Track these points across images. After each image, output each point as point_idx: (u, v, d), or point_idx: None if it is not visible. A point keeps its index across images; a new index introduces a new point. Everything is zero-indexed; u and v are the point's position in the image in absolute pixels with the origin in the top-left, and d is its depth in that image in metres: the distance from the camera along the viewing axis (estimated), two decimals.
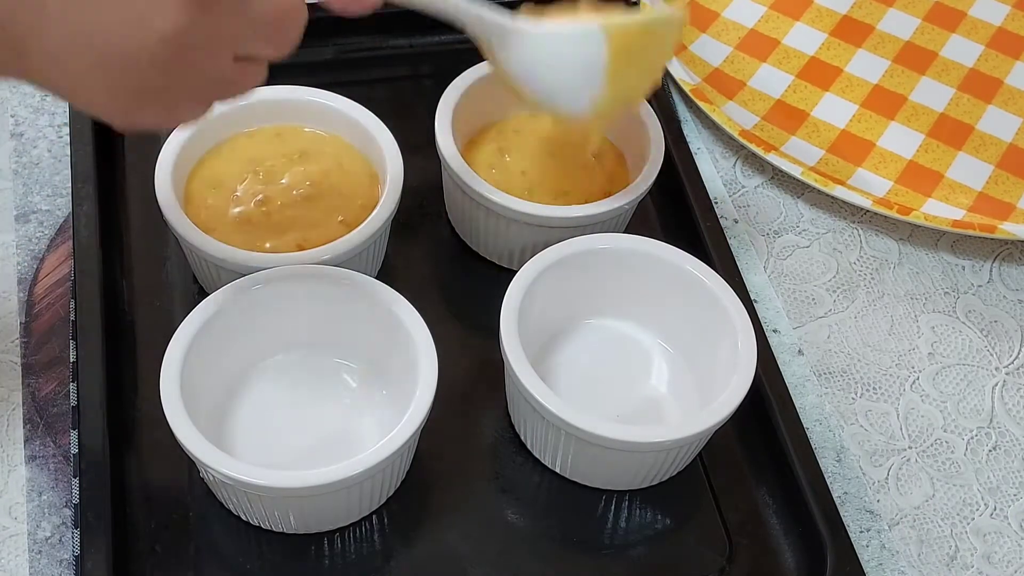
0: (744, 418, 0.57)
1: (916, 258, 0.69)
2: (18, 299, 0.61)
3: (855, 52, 0.78)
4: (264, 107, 0.62)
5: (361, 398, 0.57)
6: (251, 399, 0.56)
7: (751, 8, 0.80)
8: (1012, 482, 0.60)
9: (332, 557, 0.54)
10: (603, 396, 0.58)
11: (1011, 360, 0.65)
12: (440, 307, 0.62)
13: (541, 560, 0.55)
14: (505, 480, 0.57)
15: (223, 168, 0.61)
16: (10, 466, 0.56)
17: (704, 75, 0.75)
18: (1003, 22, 0.80)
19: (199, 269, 0.60)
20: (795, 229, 0.69)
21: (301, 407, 0.56)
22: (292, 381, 0.57)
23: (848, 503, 0.58)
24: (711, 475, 0.58)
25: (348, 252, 0.57)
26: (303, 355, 0.58)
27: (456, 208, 0.64)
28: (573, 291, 0.59)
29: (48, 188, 0.66)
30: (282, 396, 0.57)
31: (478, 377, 0.59)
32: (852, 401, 0.62)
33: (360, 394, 0.57)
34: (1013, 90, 0.76)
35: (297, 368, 0.57)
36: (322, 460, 0.50)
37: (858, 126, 0.74)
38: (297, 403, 0.56)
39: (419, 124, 0.65)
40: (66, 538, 0.54)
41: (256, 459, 0.53)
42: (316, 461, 0.51)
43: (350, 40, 0.73)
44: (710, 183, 0.69)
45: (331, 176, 0.61)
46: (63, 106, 0.69)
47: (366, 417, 0.56)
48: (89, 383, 0.55)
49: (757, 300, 0.65)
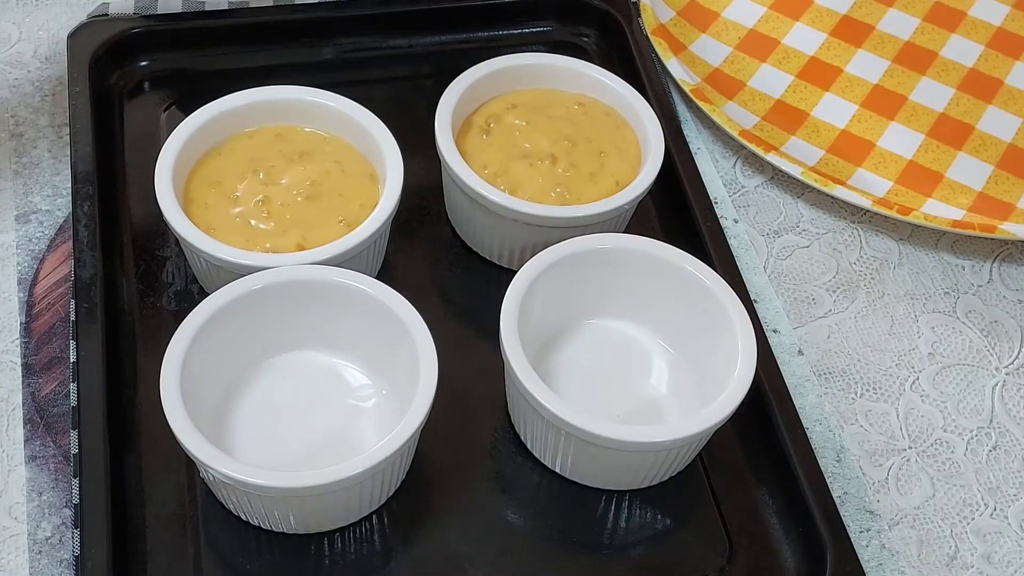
0: (744, 418, 0.57)
1: (916, 258, 0.69)
2: (18, 299, 0.61)
3: (855, 52, 0.78)
4: (264, 107, 0.62)
5: (361, 398, 0.57)
6: (251, 399, 0.56)
7: (751, 8, 0.80)
8: (1012, 482, 0.60)
9: (332, 557, 0.54)
10: (603, 396, 0.58)
11: (1011, 360, 0.65)
12: (440, 307, 0.62)
13: (541, 560, 0.55)
14: (505, 480, 0.57)
15: (223, 168, 0.61)
16: (10, 466, 0.56)
17: (704, 75, 0.75)
18: (1003, 22, 0.80)
19: (199, 269, 0.60)
20: (795, 229, 0.69)
21: (301, 407, 0.56)
22: (292, 381, 0.57)
23: (848, 503, 0.58)
24: (711, 475, 0.58)
25: (348, 252, 0.57)
26: (303, 355, 0.58)
27: (456, 208, 0.64)
28: (573, 291, 0.59)
29: (48, 188, 0.66)
30: (282, 396, 0.57)
31: (478, 377, 0.59)
32: (852, 401, 0.62)
33: (360, 394, 0.57)
34: (1013, 90, 0.76)
35: (297, 368, 0.57)
36: (322, 460, 0.50)
37: (858, 126, 0.74)
38: (297, 403, 0.56)
39: (419, 124, 0.65)
40: (66, 538, 0.54)
41: (256, 459, 0.54)
42: (316, 461, 0.51)
43: (350, 40, 0.73)
44: (710, 183, 0.69)
45: (331, 176, 0.61)
46: (63, 106, 0.69)
47: (366, 417, 0.56)
48: (89, 383, 0.55)
49: (757, 300, 0.65)
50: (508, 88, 0.66)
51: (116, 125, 0.68)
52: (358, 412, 0.56)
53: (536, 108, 0.65)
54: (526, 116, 0.64)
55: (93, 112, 0.66)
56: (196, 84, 0.70)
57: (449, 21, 0.74)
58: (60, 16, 0.74)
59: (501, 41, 0.75)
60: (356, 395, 0.57)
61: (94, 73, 0.68)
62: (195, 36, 0.71)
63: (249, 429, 0.55)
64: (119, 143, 0.67)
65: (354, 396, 0.57)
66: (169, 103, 0.69)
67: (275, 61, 0.72)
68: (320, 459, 0.51)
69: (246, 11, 0.72)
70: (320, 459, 0.51)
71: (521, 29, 0.76)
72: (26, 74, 0.71)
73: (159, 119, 0.69)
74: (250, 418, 0.56)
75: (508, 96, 0.65)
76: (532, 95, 0.66)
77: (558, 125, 0.64)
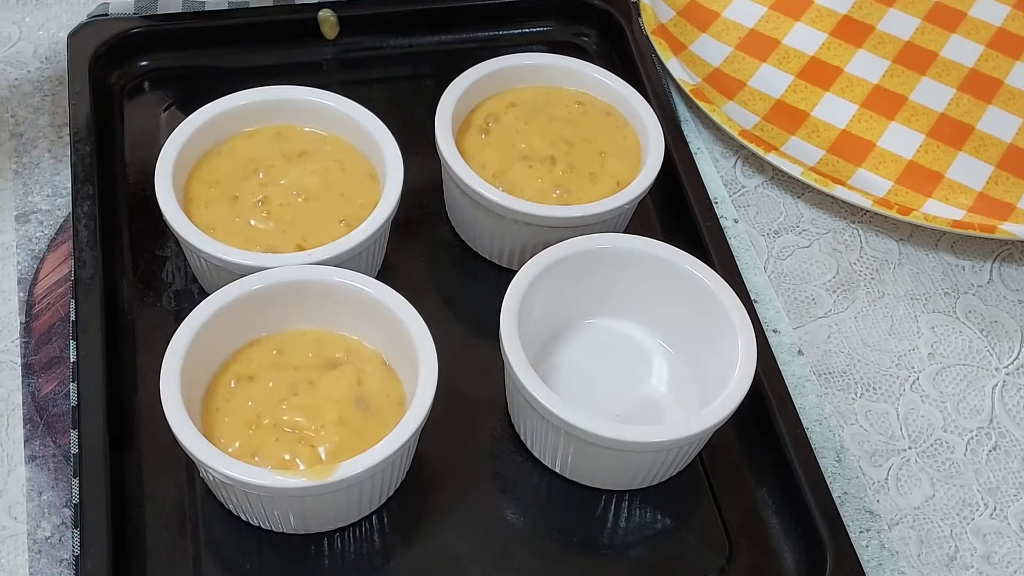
0: (744, 418, 0.57)
1: (916, 258, 0.69)
2: (18, 299, 0.61)
3: (855, 52, 0.78)
4: (264, 107, 0.62)
5: None
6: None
7: (751, 8, 0.80)
8: (1012, 482, 0.60)
9: (332, 557, 0.54)
10: (603, 396, 0.58)
11: (1011, 360, 0.65)
12: (440, 307, 0.62)
13: (541, 560, 0.55)
14: (505, 480, 0.57)
15: (223, 168, 0.61)
16: (10, 466, 0.56)
17: (704, 75, 0.75)
18: (1003, 22, 0.80)
19: (199, 269, 0.60)
20: (795, 229, 0.69)
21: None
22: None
23: (848, 503, 0.58)
24: (711, 475, 0.58)
25: (348, 252, 0.57)
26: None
27: (456, 208, 0.64)
28: (573, 291, 0.59)
29: (48, 188, 0.66)
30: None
31: (478, 377, 0.59)
32: (852, 401, 0.62)
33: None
34: (1013, 90, 0.76)
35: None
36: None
37: (858, 126, 0.74)
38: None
39: (419, 124, 0.65)
40: (66, 538, 0.54)
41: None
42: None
43: (350, 40, 0.73)
44: (710, 183, 0.69)
45: (331, 176, 0.61)
46: (63, 106, 0.69)
47: None
48: (89, 383, 0.55)
49: (757, 300, 0.65)
50: (508, 88, 0.66)
51: (116, 125, 0.68)
52: None
53: (536, 107, 0.65)
54: (525, 116, 0.64)
55: (93, 112, 0.66)
56: (196, 84, 0.70)
57: (449, 21, 0.74)
58: (60, 16, 0.74)
59: (501, 41, 0.75)
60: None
61: (94, 73, 0.68)
62: (195, 36, 0.71)
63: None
64: (119, 143, 0.67)
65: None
66: (169, 103, 0.69)
67: (275, 61, 0.72)
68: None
69: (246, 11, 0.72)
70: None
71: (521, 29, 0.76)
72: (26, 74, 0.71)
73: (159, 119, 0.69)
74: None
75: (507, 94, 0.65)
76: (532, 94, 0.66)
77: (557, 126, 0.64)
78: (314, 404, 0.52)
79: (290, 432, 0.52)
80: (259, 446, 0.51)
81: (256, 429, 0.52)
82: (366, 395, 0.53)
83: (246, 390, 0.53)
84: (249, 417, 0.52)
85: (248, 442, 0.51)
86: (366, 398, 0.53)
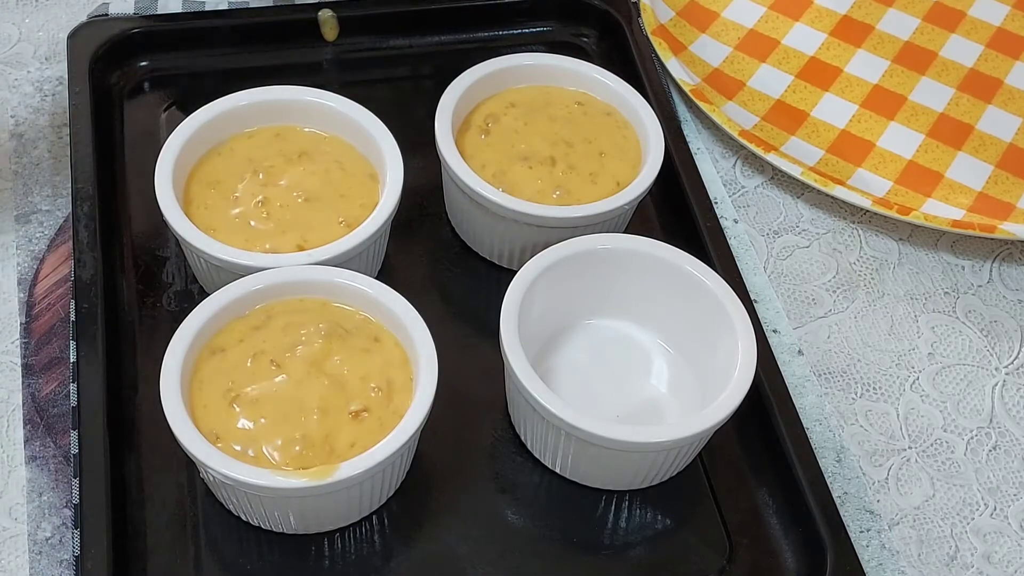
0: (744, 418, 0.57)
1: (916, 258, 0.69)
2: (18, 299, 0.61)
3: (855, 52, 0.78)
4: (264, 107, 0.62)
5: None
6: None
7: (751, 8, 0.80)
8: (1012, 482, 0.60)
9: (332, 557, 0.54)
10: (603, 396, 0.58)
11: (1011, 360, 0.65)
12: (440, 307, 0.62)
13: (541, 560, 0.55)
14: (505, 480, 0.57)
15: (223, 168, 0.61)
16: (10, 467, 0.56)
17: (704, 75, 0.75)
18: (1003, 22, 0.80)
19: (199, 269, 0.60)
20: (795, 229, 0.69)
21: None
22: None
23: (848, 503, 0.58)
24: (711, 475, 0.58)
25: (348, 252, 0.57)
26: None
27: (456, 208, 0.64)
28: (573, 291, 0.59)
29: (48, 188, 0.66)
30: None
31: (478, 377, 0.59)
32: (852, 401, 0.62)
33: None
34: (1013, 90, 0.76)
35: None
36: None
37: (858, 126, 0.74)
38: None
39: (419, 124, 0.65)
40: (66, 538, 0.54)
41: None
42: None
43: (350, 40, 0.73)
44: (710, 183, 0.69)
45: (331, 176, 0.61)
46: (63, 106, 0.69)
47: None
48: (89, 383, 0.55)
49: (757, 300, 0.65)
50: (507, 88, 0.66)
51: (116, 125, 0.68)
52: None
53: (535, 108, 0.65)
54: (525, 116, 0.64)
55: (93, 112, 0.66)
56: (196, 84, 0.70)
57: (449, 21, 0.74)
58: (60, 16, 0.74)
59: (501, 41, 0.75)
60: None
61: (94, 73, 0.68)
62: (195, 36, 0.71)
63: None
64: (119, 143, 0.67)
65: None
66: (169, 103, 0.69)
67: (275, 61, 0.72)
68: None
69: (246, 11, 0.72)
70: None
71: (521, 29, 0.76)
72: (26, 74, 0.71)
73: (159, 119, 0.69)
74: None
75: (507, 94, 0.65)
76: (531, 94, 0.66)
77: (557, 127, 0.64)
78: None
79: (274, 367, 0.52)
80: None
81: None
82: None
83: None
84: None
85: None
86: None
